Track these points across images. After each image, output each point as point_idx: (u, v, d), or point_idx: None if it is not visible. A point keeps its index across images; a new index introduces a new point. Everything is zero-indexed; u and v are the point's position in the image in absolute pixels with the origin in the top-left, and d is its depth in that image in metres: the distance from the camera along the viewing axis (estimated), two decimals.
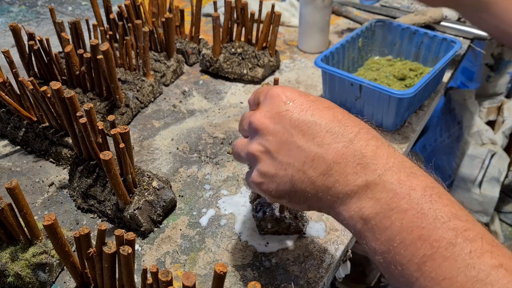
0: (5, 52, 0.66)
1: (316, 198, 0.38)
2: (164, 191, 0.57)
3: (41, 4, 1.20)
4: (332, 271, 0.53)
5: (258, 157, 0.40)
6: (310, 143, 0.37)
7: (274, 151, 0.39)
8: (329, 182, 0.36)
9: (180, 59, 0.88)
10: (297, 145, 0.38)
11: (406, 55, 0.85)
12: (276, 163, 0.39)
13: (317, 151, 0.37)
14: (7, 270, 0.48)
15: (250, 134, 0.42)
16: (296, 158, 0.38)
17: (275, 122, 0.39)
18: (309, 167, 0.37)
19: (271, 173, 0.39)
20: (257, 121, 0.40)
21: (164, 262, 0.53)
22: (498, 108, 1.53)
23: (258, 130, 0.40)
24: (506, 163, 1.42)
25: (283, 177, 0.39)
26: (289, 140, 0.38)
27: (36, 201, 0.61)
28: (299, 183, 0.38)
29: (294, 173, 0.38)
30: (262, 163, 0.40)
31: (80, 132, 0.55)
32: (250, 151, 0.41)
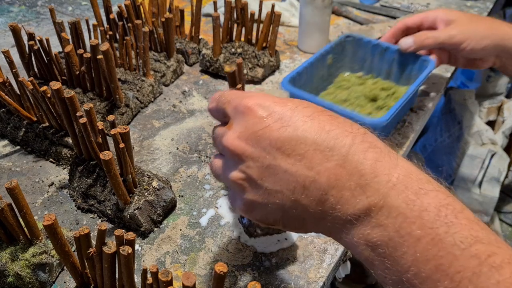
0: (5, 52, 0.66)
1: (313, 224, 0.34)
2: (164, 191, 0.57)
3: (41, 4, 1.20)
4: (332, 271, 0.53)
5: (241, 185, 0.35)
6: (297, 165, 0.32)
7: (257, 178, 0.34)
8: (326, 208, 0.32)
9: (180, 59, 0.88)
10: (283, 169, 0.32)
11: (378, 72, 0.80)
12: (262, 191, 0.34)
13: (308, 175, 0.32)
14: (7, 270, 0.48)
15: (227, 158, 0.36)
16: (285, 185, 0.33)
17: (253, 144, 0.33)
18: (300, 194, 0.32)
19: (258, 201, 0.34)
20: (232, 145, 0.35)
21: (164, 262, 0.53)
22: (498, 108, 1.53)
23: (235, 155, 0.35)
24: (506, 163, 1.42)
25: (272, 205, 0.34)
26: (272, 164, 0.33)
27: (36, 201, 0.61)
28: (291, 211, 0.33)
29: (284, 201, 0.33)
30: (247, 192, 0.35)
31: (80, 132, 0.55)
32: (231, 178, 0.35)
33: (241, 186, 0.35)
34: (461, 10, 1.18)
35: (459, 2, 1.22)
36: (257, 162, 0.33)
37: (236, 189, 0.36)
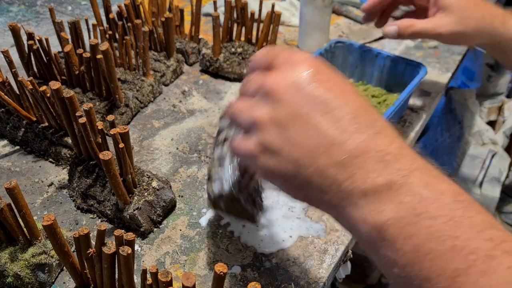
0: (4, 51, 0.66)
1: (319, 190, 0.32)
2: (164, 191, 0.57)
3: (41, 4, 1.20)
4: (333, 271, 0.53)
5: (264, 124, 0.34)
6: (330, 125, 0.32)
7: (285, 123, 0.33)
8: (343, 175, 0.31)
9: (180, 59, 0.88)
10: (314, 123, 0.32)
11: (369, 79, 0.79)
12: (284, 137, 0.33)
13: (337, 137, 0.31)
14: (6, 271, 0.48)
15: (259, 97, 0.35)
16: (310, 139, 0.32)
17: (295, 91, 0.33)
18: (322, 153, 0.31)
19: (274, 147, 0.33)
20: (273, 84, 0.34)
21: (164, 263, 0.53)
22: (498, 108, 1.53)
23: (271, 93, 0.34)
24: (507, 163, 1.41)
25: (287, 156, 0.33)
26: (306, 116, 0.32)
27: (36, 201, 0.61)
28: (304, 168, 0.32)
29: (302, 155, 0.32)
30: (267, 133, 0.34)
31: (79, 132, 0.55)
32: (256, 114, 0.34)
33: (264, 125, 0.34)
34: None
35: None
36: (291, 107, 0.33)
37: (256, 127, 0.34)
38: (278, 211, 0.59)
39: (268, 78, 0.35)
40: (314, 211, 0.59)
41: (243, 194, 0.46)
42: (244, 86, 0.38)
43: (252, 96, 0.36)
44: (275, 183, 0.36)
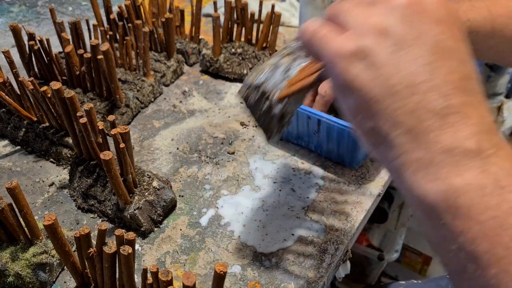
0: (5, 52, 0.66)
1: (396, 127, 0.29)
2: (164, 191, 0.57)
3: (41, 4, 1.20)
4: (332, 271, 0.53)
5: (379, 31, 0.29)
6: (445, 72, 0.28)
7: (403, 42, 0.29)
8: (432, 123, 0.28)
9: (180, 59, 0.88)
10: (431, 60, 0.29)
11: None
12: (394, 56, 0.29)
13: (445, 86, 0.28)
14: (7, 270, 0.48)
15: (383, 4, 0.30)
16: (419, 72, 0.28)
17: (411, 23, 0.29)
18: (422, 92, 0.28)
19: (378, 60, 0.29)
20: (391, 7, 0.30)
21: (164, 262, 0.53)
22: (498, 108, 1.53)
23: (404, 7, 0.29)
24: None
25: (386, 76, 0.29)
26: (429, 49, 0.29)
27: (36, 201, 0.61)
28: (394, 98, 0.29)
29: (401, 83, 0.28)
30: (378, 42, 0.29)
31: (80, 132, 0.55)
32: (373, 18, 0.30)
33: (376, 33, 0.30)
34: None
35: None
36: (419, 31, 0.29)
37: (364, 30, 0.30)
38: (278, 211, 0.59)
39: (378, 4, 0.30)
40: (314, 211, 0.59)
41: (278, 107, 0.43)
42: (329, 13, 0.33)
43: (370, 1, 0.31)
44: (346, 99, 0.32)
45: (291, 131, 0.69)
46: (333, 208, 0.60)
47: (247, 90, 0.45)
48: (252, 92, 0.44)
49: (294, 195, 0.62)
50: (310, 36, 0.33)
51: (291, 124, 0.47)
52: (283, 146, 0.70)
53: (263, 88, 0.43)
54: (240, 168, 0.66)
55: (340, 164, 0.67)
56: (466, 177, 0.27)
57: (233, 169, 0.66)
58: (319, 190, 0.62)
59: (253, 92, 0.44)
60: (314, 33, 0.32)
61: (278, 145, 0.71)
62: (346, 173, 0.65)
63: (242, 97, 0.46)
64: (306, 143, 0.69)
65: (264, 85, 0.43)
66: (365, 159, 0.67)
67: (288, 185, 0.63)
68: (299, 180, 0.64)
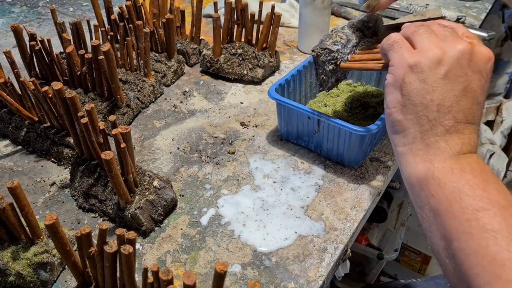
0: (6, 52, 0.67)
1: (418, 126, 0.42)
2: (165, 190, 0.57)
3: (43, 5, 1.20)
4: (332, 270, 0.53)
5: (438, 61, 0.41)
6: (471, 104, 0.42)
7: (452, 74, 0.41)
8: (442, 133, 0.41)
9: (181, 60, 0.88)
10: (471, 91, 0.41)
11: (367, 79, 0.80)
12: (441, 81, 0.41)
13: (472, 112, 0.41)
14: (8, 269, 0.48)
15: (449, 41, 0.42)
16: (453, 99, 0.41)
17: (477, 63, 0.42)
18: (450, 113, 0.41)
19: (429, 79, 0.41)
20: (473, 47, 0.42)
21: (165, 261, 0.53)
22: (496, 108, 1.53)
23: (463, 51, 0.41)
24: (504, 163, 1.42)
25: (429, 91, 0.41)
26: (469, 83, 0.41)
27: (38, 200, 0.61)
28: (428, 108, 0.41)
29: (436, 100, 0.41)
30: (433, 67, 0.41)
31: (81, 132, 0.55)
32: (437, 51, 0.42)
33: (439, 60, 0.41)
34: (460, 10, 1.18)
35: (457, 3, 1.22)
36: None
37: (432, 55, 0.42)
38: (278, 210, 0.59)
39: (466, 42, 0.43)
40: (313, 210, 0.60)
41: (339, 70, 0.59)
42: (438, 26, 0.45)
43: (442, 33, 0.43)
44: (394, 92, 0.44)
45: (291, 131, 0.70)
46: (333, 207, 0.60)
47: (321, 51, 0.58)
48: (324, 53, 0.58)
49: (294, 195, 0.62)
50: (392, 42, 0.45)
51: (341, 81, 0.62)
52: (283, 146, 0.71)
53: (334, 54, 0.57)
54: (240, 168, 0.67)
55: (339, 163, 0.67)
56: (444, 163, 0.41)
57: (233, 169, 0.66)
58: (319, 189, 0.63)
59: (325, 53, 0.58)
60: (395, 41, 0.45)
61: (278, 145, 0.71)
62: (345, 172, 0.65)
63: (314, 54, 0.59)
64: (306, 143, 0.69)
65: (336, 53, 0.57)
66: (365, 159, 0.68)
67: (288, 185, 0.63)
68: (299, 180, 0.64)
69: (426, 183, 0.41)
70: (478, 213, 0.37)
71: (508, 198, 0.38)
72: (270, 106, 0.80)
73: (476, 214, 0.37)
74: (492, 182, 0.39)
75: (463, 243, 0.37)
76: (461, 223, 0.37)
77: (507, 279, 0.33)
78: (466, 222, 0.37)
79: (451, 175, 0.40)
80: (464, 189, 0.38)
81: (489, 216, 0.36)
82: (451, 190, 0.39)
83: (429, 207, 0.41)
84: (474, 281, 0.35)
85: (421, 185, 0.42)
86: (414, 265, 1.38)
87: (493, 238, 0.35)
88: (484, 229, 0.36)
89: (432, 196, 0.40)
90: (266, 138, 0.73)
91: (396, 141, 0.45)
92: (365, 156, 0.68)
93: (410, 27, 0.46)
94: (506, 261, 0.34)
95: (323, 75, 0.59)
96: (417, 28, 0.45)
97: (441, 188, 0.39)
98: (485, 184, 0.38)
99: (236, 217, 0.59)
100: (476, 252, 0.36)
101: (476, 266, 0.35)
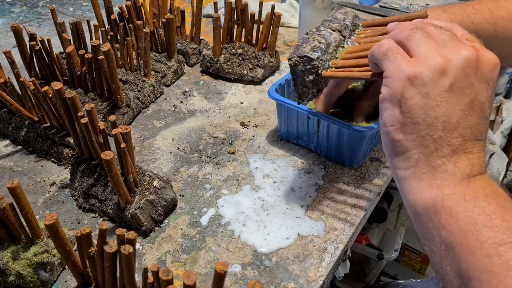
0: (6, 52, 0.67)
1: (421, 147, 0.37)
2: (165, 190, 0.57)
3: (42, 5, 1.20)
4: (332, 270, 0.53)
5: (441, 71, 0.36)
6: (479, 118, 0.37)
7: (457, 86, 0.36)
8: (449, 155, 0.37)
9: (181, 60, 0.88)
10: (477, 90, 0.37)
11: None
12: (445, 95, 0.36)
13: (479, 128, 0.37)
14: (8, 269, 0.48)
15: (451, 50, 0.37)
16: (460, 114, 0.36)
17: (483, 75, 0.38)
18: (456, 130, 0.37)
19: (432, 94, 0.36)
20: (477, 52, 0.38)
21: (165, 261, 0.53)
22: (497, 108, 1.53)
23: (466, 59, 0.37)
24: (504, 163, 1.42)
25: (433, 107, 0.36)
26: (476, 95, 0.37)
27: (38, 200, 0.61)
28: (432, 126, 0.37)
29: (442, 117, 0.36)
30: (436, 79, 0.36)
31: (81, 132, 0.55)
32: (439, 59, 0.36)
33: (441, 73, 0.36)
34: None
35: (457, 3, 1.22)
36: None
37: (433, 66, 0.37)
38: (278, 210, 0.59)
39: (467, 46, 0.38)
40: (313, 210, 0.60)
41: (320, 80, 0.52)
42: (433, 29, 0.40)
43: (440, 37, 0.38)
44: (391, 108, 0.39)
45: (291, 131, 0.70)
46: (333, 207, 0.60)
47: (300, 59, 0.51)
48: (302, 62, 0.51)
49: (294, 195, 0.62)
50: (385, 51, 0.39)
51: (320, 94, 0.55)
52: (283, 146, 0.71)
53: (315, 63, 0.50)
54: (240, 168, 0.67)
55: (339, 163, 0.67)
56: (454, 189, 0.36)
57: (233, 169, 0.66)
58: (319, 189, 0.63)
59: (304, 62, 0.51)
60: (389, 49, 0.39)
61: (278, 145, 0.71)
62: (345, 172, 0.65)
63: (292, 64, 0.52)
64: (306, 143, 0.69)
65: (316, 61, 0.50)
66: (365, 159, 0.68)
67: (288, 185, 0.63)
68: (299, 180, 0.64)
69: (435, 212, 0.36)
70: (500, 247, 0.32)
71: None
72: (270, 106, 0.80)
73: (497, 248, 0.32)
74: (509, 209, 0.35)
75: (485, 284, 0.32)
76: (480, 260, 0.33)
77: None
78: (486, 259, 0.33)
79: (463, 202, 0.35)
80: (480, 219, 0.34)
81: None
82: (466, 220, 0.34)
83: (439, 240, 0.36)
84: None
85: (429, 215, 0.37)
86: (414, 265, 1.38)
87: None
88: (509, 266, 0.31)
89: (444, 227, 0.35)
90: (266, 138, 0.73)
91: (396, 164, 0.40)
92: (365, 156, 0.68)
93: (402, 30, 0.40)
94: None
95: (302, 86, 0.53)
96: (411, 31, 0.39)
97: (454, 219, 0.35)
98: (502, 211, 0.34)
99: (236, 217, 0.59)
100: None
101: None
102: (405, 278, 0.86)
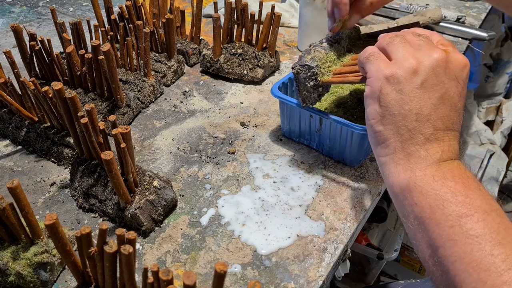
0: (6, 52, 0.67)
1: (398, 136, 0.42)
2: (165, 190, 0.57)
3: (43, 5, 1.20)
4: (332, 270, 0.53)
5: (414, 71, 0.42)
6: (449, 111, 0.42)
7: (428, 83, 0.41)
8: (422, 142, 0.41)
9: (181, 60, 0.88)
10: (447, 87, 0.42)
11: None
12: (417, 90, 0.41)
13: (450, 119, 0.42)
14: (8, 269, 0.48)
15: (423, 52, 0.43)
16: (431, 107, 0.41)
17: (453, 72, 0.43)
18: (428, 121, 0.41)
19: (405, 90, 0.42)
20: (446, 54, 0.43)
21: (165, 261, 0.53)
22: (496, 108, 1.54)
23: (437, 61, 0.42)
24: (504, 163, 1.42)
25: (407, 101, 0.41)
26: (446, 91, 0.42)
27: (38, 200, 0.61)
28: (407, 118, 0.42)
29: (414, 110, 0.41)
30: (409, 78, 0.42)
31: (81, 132, 0.55)
32: (412, 61, 0.42)
33: (414, 71, 0.42)
34: (460, 10, 1.18)
35: (458, 3, 1.22)
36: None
37: (405, 66, 0.42)
38: (278, 210, 0.59)
39: (433, 37, 0.45)
40: (313, 210, 0.60)
41: (320, 86, 0.59)
42: (412, 35, 0.46)
43: (416, 43, 0.44)
44: (372, 104, 0.44)
45: (293, 129, 0.70)
46: (333, 207, 0.60)
47: (301, 68, 0.58)
48: (303, 70, 0.58)
49: (294, 195, 0.62)
50: (368, 55, 0.46)
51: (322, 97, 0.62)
52: (283, 146, 0.71)
53: (314, 70, 0.58)
54: (240, 168, 0.67)
55: (340, 163, 0.67)
56: (425, 171, 0.41)
57: (233, 169, 0.66)
58: (319, 189, 0.63)
59: (305, 70, 0.58)
60: (371, 54, 0.46)
61: (278, 145, 0.71)
62: (345, 172, 0.66)
63: (295, 72, 0.59)
64: (308, 141, 0.69)
65: (315, 68, 0.58)
66: (365, 158, 0.68)
67: (288, 185, 0.64)
68: (299, 180, 0.64)
69: (409, 191, 0.41)
70: (461, 219, 0.37)
71: (490, 202, 0.38)
72: (270, 106, 0.80)
73: (459, 220, 0.37)
74: (474, 188, 0.39)
75: (448, 250, 0.37)
76: (445, 230, 0.38)
77: (492, 284, 0.34)
78: (450, 229, 0.37)
79: (432, 182, 0.40)
80: (446, 196, 0.39)
81: (472, 221, 0.37)
82: (434, 197, 0.39)
83: (413, 216, 0.41)
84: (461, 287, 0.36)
85: (404, 194, 0.42)
86: (414, 265, 1.38)
87: (476, 243, 0.36)
88: (468, 235, 0.36)
89: (416, 204, 0.40)
90: (266, 138, 0.73)
91: (378, 152, 0.46)
92: (366, 156, 0.68)
93: (385, 38, 0.46)
94: (491, 266, 0.34)
95: (305, 91, 0.60)
96: (391, 39, 0.45)
97: (424, 196, 0.40)
98: (467, 190, 0.39)
99: (236, 217, 0.59)
100: (461, 259, 0.36)
101: (461, 273, 0.36)
102: (405, 278, 0.86)
